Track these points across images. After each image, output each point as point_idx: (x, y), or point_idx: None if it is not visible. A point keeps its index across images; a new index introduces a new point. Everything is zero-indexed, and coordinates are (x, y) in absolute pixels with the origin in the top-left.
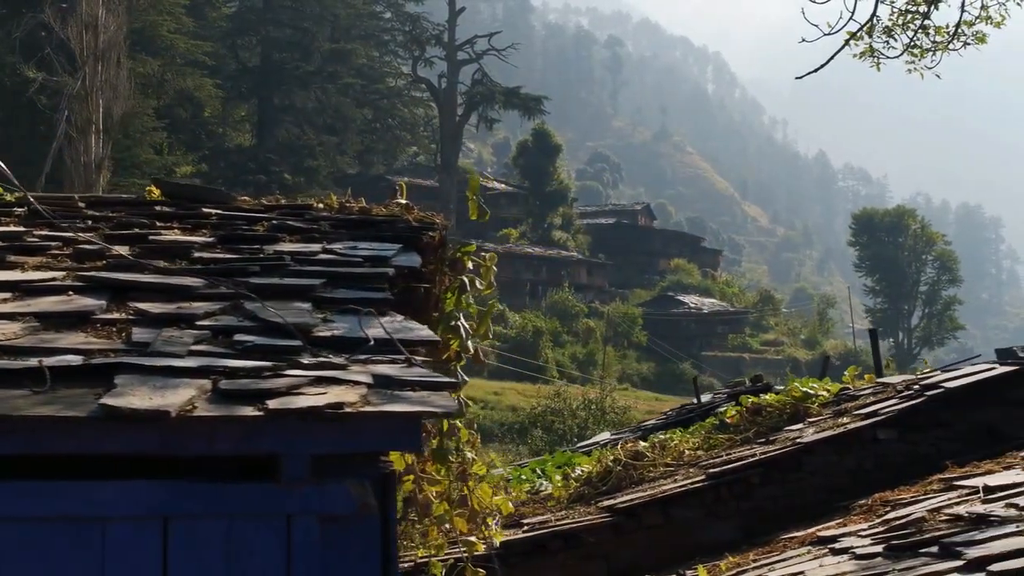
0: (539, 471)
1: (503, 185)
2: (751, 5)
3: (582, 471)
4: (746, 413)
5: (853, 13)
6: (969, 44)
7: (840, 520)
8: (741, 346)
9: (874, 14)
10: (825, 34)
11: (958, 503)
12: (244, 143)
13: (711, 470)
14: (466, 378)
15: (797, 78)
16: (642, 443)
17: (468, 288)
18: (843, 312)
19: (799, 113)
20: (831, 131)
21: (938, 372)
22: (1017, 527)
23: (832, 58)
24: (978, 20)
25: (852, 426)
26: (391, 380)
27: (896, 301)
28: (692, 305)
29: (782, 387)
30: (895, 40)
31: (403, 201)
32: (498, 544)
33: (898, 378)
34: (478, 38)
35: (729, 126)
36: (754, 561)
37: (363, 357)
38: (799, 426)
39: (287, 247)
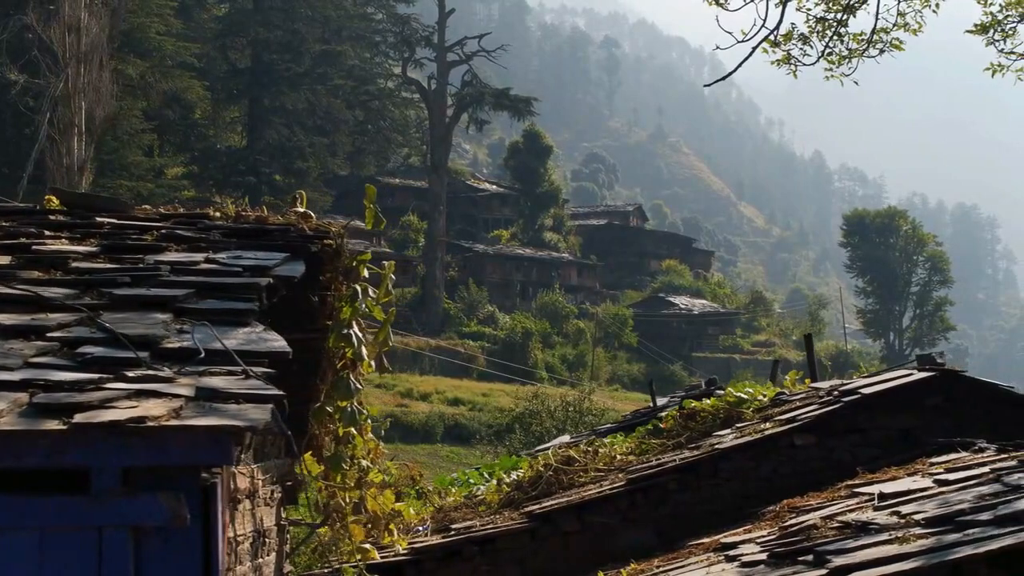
0: (487, 475)
1: (494, 186)
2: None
3: (516, 476)
4: (680, 418)
5: (765, 20)
6: (885, 51)
7: (747, 527)
8: (732, 347)
9: (780, 23)
10: (739, 41)
11: (852, 510)
12: (235, 144)
13: (629, 476)
14: (359, 386)
15: (706, 86)
16: (573, 449)
17: (361, 296)
18: (837, 313)
19: (795, 113)
20: (827, 131)
21: (874, 376)
22: (890, 535)
23: (739, 66)
24: (895, 28)
25: (769, 432)
26: (216, 392)
27: (887, 302)
28: (683, 306)
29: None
30: (811, 47)
31: (301, 210)
32: (402, 550)
33: (827, 384)
34: (468, 39)
35: (725, 126)
36: (657, 567)
37: (200, 369)
38: (727, 431)
39: (170, 256)
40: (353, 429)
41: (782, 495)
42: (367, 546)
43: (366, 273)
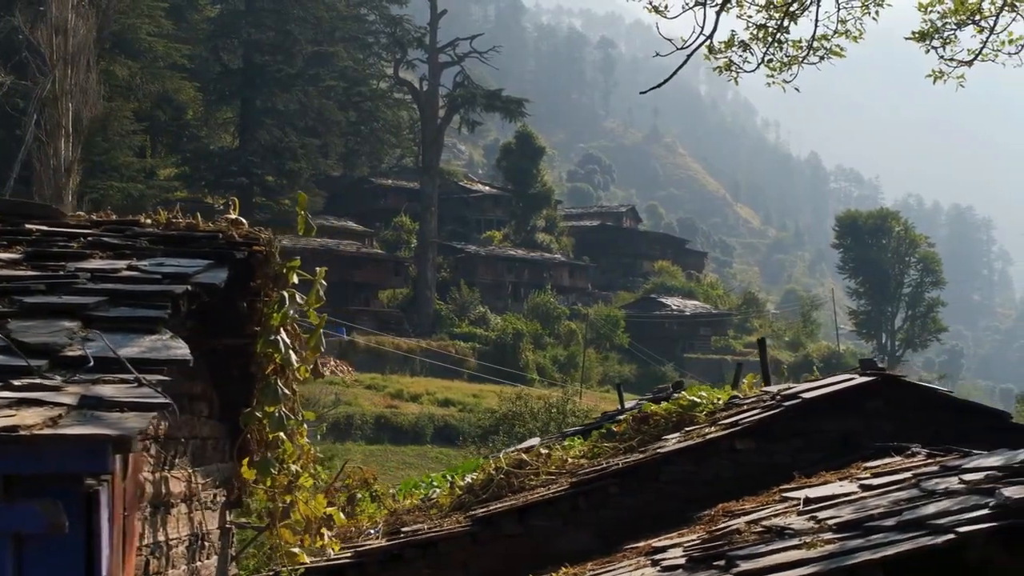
0: (450, 477)
1: (487, 187)
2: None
3: (470, 479)
4: (633, 422)
5: (703, 27)
6: (824, 58)
7: (682, 531)
8: (724, 348)
9: (715, 30)
10: (678, 49)
11: (778, 515)
12: (228, 145)
13: (571, 480)
14: (287, 392)
15: (641, 93)
16: (525, 452)
17: (288, 303)
18: (831, 314)
19: (792, 115)
20: (824, 133)
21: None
22: (800, 540)
23: (673, 74)
24: (836, 35)
25: (711, 436)
26: (102, 401)
27: (879, 303)
28: (675, 307)
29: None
30: (752, 54)
31: (232, 216)
32: (333, 554)
33: (775, 388)
34: (460, 40)
35: (721, 127)
36: (589, 571)
37: (94, 377)
38: (676, 435)
39: (93, 264)
40: (283, 434)
41: (723, 499)
42: (296, 550)
43: (296, 279)
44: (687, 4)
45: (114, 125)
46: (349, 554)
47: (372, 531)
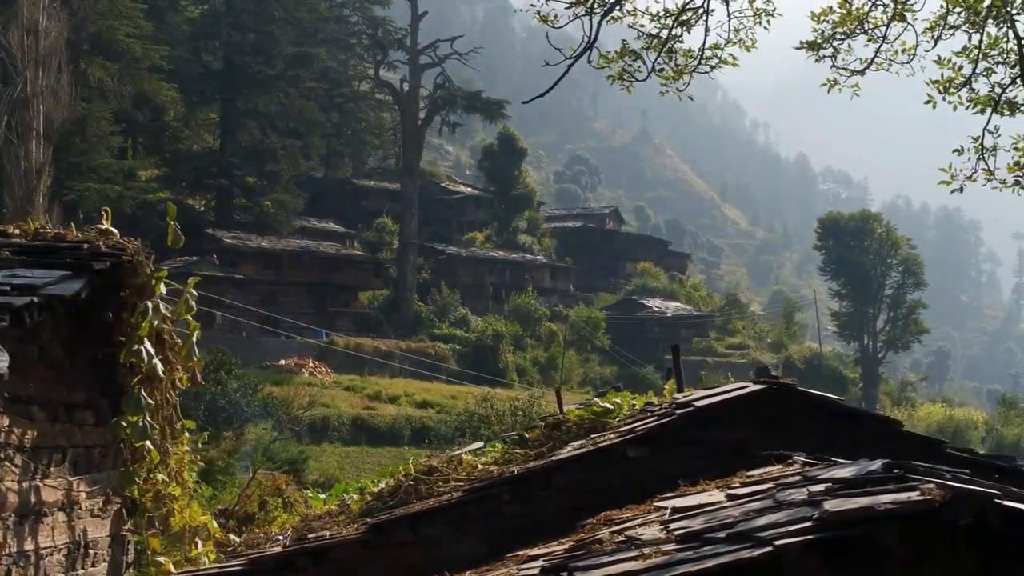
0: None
1: (469, 189)
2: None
3: (383, 486)
4: (545, 429)
5: (590, 35)
6: (716, 67)
7: (561, 540)
8: (706, 350)
9: (595, 39)
10: (568, 58)
11: (644, 525)
12: (210, 146)
13: (464, 487)
14: (152, 401)
15: (524, 102)
16: (435, 458)
17: (152, 313)
18: (815, 316)
19: (780, 116)
20: (813, 134)
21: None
22: (639, 552)
23: (557, 83)
24: (729, 43)
25: (603, 444)
26: None
27: (861, 305)
28: (656, 309)
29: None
30: (643, 63)
31: (104, 227)
32: (208, 562)
33: (683, 395)
34: (440, 42)
35: (709, 129)
36: None
37: None
38: (580, 442)
39: None
40: (149, 443)
41: (613, 507)
42: (161, 559)
43: (163, 289)
44: (574, 14)
45: (92, 126)
46: (242, 562)
47: (281, 537)
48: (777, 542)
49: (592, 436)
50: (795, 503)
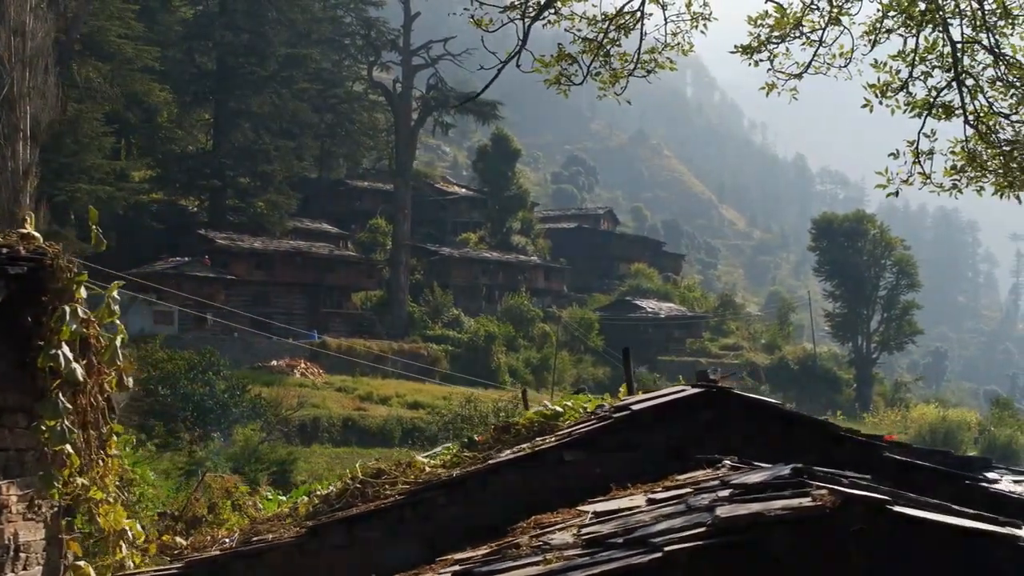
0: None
1: (463, 189)
2: (729, 8)
3: (333, 488)
4: (494, 432)
5: (523, 42)
6: (652, 71)
7: (490, 544)
8: (699, 351)
9: (523, 44)
10: (502, 63)
11: (562, 529)
12: (203, 147)
13: (399, 491)
14: (68, 405)
15: (453, 107)
16: (384, 461)
17: (70, 317)
18: (814, 316)
19: (778, 117)
20: (811, 135)
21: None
22: (544, 558)
23: (487, 87)
24: (666, 48)
25: (539, 448)
26: None
27: (855, 305)
28: (649, 310)
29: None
30: (579, 67)
31: (25, 231)
32: (132, 565)
33: (633, 399)
34: (433, 43)
35: (707, 129)
36: None
37: None
38: (525, 446)
39: None
40: (69, 447)
41: (549, 511)
42: (81, 563)
43: (84, 294)
44: (508, 17)
45: (84, 127)
46: (178, 566)
47: (228, 541)
48: (667, 548)
49: (536, 440)
50: (699, 508)
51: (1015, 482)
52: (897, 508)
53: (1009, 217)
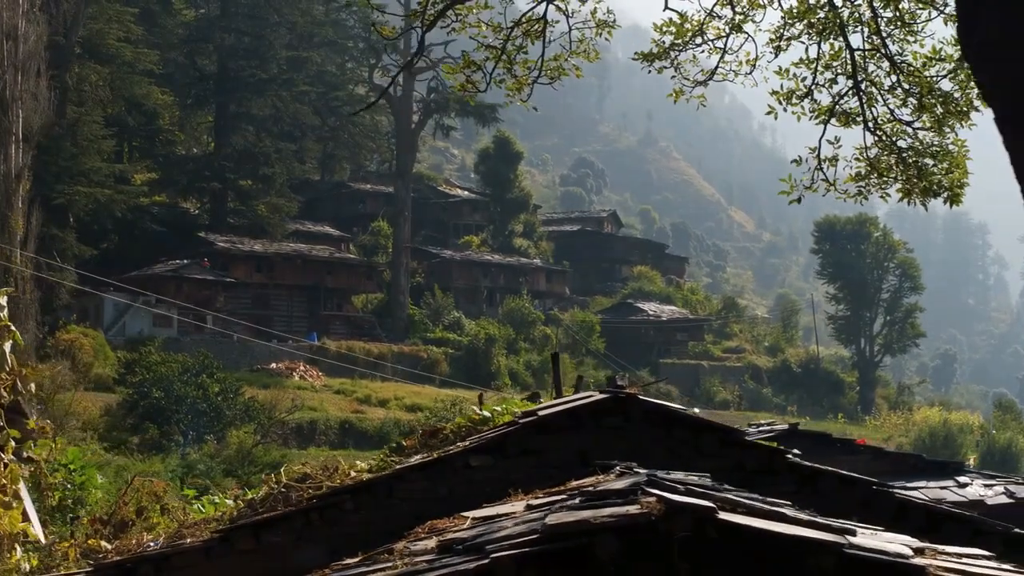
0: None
1: (465, 192)
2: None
3: (262, 493)
4: (421, 436)
5: (420, 50)
6: (556, 78)
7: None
8: (702, 353)
9: (420, 51)
10: (400, 68)
11: (438, 534)
12: (205, 149)
13: (307, 496)
14: None
15: (352, 114)
16: (310, 466)
17: None
18: (815, 319)
19: (787, 119)
20: (819, 137)
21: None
22: (393, 564)
23: (383, 94)
24: (573, 54)
25: (446, 453)
26: None
27: (858, 308)
28: (651, 312)
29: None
30: (484, 74)
31: None
32: (30, 568)
33: (542, 405)
34: (434, 46)
35: (716, 131)
36: None
37: None
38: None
39: None
40: None
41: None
42: None
43: (4, 301)
44: (408, 24)
45: (83, 130)
46: (86, 570)
47: (152, 544)
48: (493, 555)
49: (468, 441)
50: (539, 516)
51: (985, 486)
52: (722, 516)
53: (1019, 219)
